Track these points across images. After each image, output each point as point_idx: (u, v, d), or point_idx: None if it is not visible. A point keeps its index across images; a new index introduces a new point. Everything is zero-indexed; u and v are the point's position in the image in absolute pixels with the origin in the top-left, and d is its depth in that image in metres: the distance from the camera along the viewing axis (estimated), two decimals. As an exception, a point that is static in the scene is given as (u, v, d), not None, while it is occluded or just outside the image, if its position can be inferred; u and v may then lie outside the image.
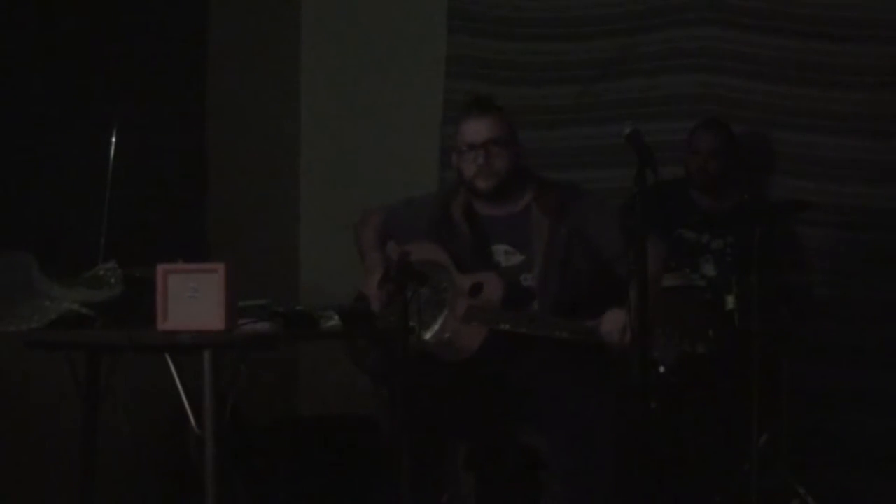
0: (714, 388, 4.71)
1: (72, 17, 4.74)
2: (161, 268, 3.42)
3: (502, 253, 4.00)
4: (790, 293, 4.84)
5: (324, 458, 4.91)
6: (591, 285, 3.94)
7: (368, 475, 4.85)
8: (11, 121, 4.53)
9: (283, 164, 5.95)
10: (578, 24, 5.66)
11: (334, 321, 3.73)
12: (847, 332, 5.19)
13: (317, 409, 5.58)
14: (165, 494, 4.83)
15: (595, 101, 5.60)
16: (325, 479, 4.87)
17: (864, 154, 5.25)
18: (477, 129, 3.97)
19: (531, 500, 3.96)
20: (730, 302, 4.68)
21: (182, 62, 5.26)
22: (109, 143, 4.09)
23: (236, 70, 5.58)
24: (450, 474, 4.02)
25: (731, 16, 5.41)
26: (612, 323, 3.73)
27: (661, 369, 3.76)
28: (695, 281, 4.80)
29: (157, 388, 3.58)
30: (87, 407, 3.80)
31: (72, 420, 3.84)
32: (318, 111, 5.98)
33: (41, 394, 4.31)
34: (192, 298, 3.39)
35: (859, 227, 5.25)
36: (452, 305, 3.92)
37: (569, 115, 5.64)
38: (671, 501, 4.49)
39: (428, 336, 3.92)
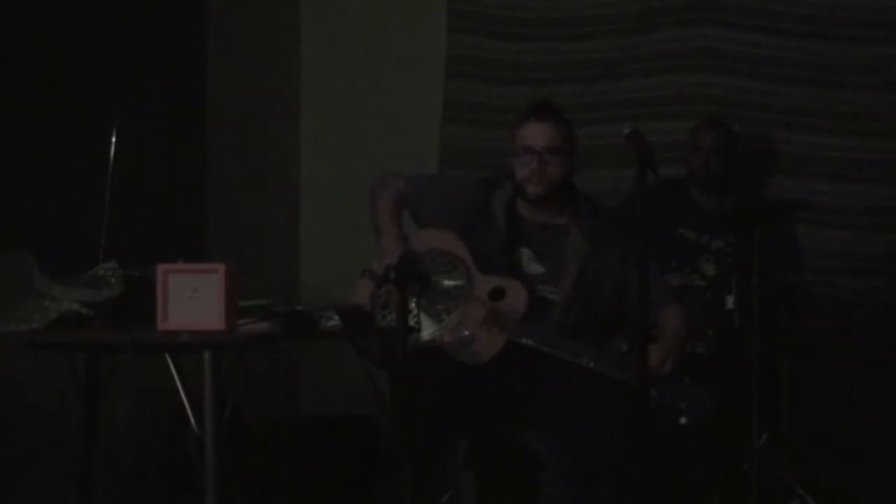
0: (714, 387, 4.71)
1: (72, 16, 4.74)
2: (161, 268, 3.42)
3: (526, 257, 3.99)
4: (790, 293, 4.84)
5: (324, 458, 4.91)
6: (610, 320, 3.95)
7: (368, 475, 4.85)
8: (12, 121, 4.53)
9: (284, 165, 5.95)
10: (578, 24, 5.66)
11: (334, 321, 3.73)
12: (847, 332, 5.19)
13: (317, 409, 5.58)
14: (165, 494, 4.83)
15: (595, 101, 5.59)
16: (325, 479, 4.86)
17: (864, 154, 5.25)
18: (535, 134, 3.95)
19: (531, 500, 3.96)
20: (730, 302, 4.68)
21: (182, 62, 5.26)
22: (109, 143, 4.09)
23: (236, 70, 5.58)
24: (450, 474, 4.02)
25: (730, 16, 5.41)
26: (653, 360, 3.68)
27: (683, 420, 3.75)
28: (694, 281, 4.81)
29: (157, 388, 3.58)
30: (87, 407, 3.80)
31: (72, 420, 3.83)
32: (317, 111, 5.98)
33: (41, 394, 4.31)
34: (192, 298, 3.39)
35: (859, 227, 5.25)
36: (470, 305, 3.89)
37: (569, 115, 5.63)
38: (671, 501, 4.50)
39: (438, 329, 3.89)
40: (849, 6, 5.27)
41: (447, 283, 3.90)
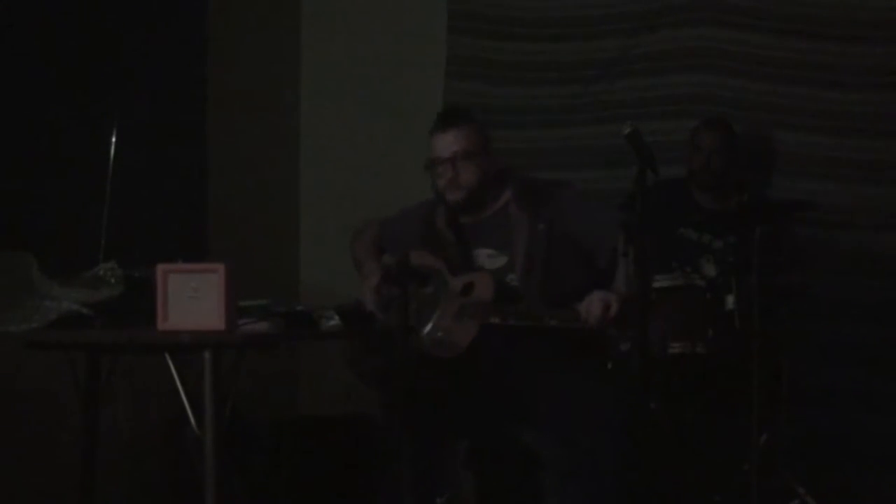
0: (714, 387, 4.71)
1: (72, 16, 4.74)
2: (161, 268, 3.43)
3: (485, 257, 4.03)
4: (790, 293, 4.84)
5: (324, 458, 4.91)
6: (576, 279, 3.95)
7: (368, 475, 4.85)
8: (12, 121, 4.53)
9: (283, 165, 5.94)
10: (578, 24, 5.65)
11: (334, 321, 3.73)
12: (847, 332, 5.19)
13: (317, 409, 5.58)
14: (165, 494, 4.83)
15: (595, 101, 5.59)
16: (325, 479, 4.86)
17: (864, 154, 5.26)
18: (443, 145, 4.03)
19: (531, 500, 3.96)
20: (730, 302, 4.68)
21: (182, 62, 5.26)
22: (109, 143, 4.09)
23: (236, 69, 5.58)
24: (450, 474, 4.02)
25: (730, 16, 5.41)
26: (590, 301, 3.73)
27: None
28: (694, 281, 4.80)
29: (157, 388, 3.58)
30: (87, 407, 3.80)
31: (72, 420, 3.83)
32: (318, 111, 5.98)
33: (41, 394, 4.31)
34: (192, 298, 3.39)
35: (859, 228, 5.25)
36: (445, 306, 3.93)
37: (569, 115, 5.64)
38: (671, 501, 4.50)
39: (423, 334, 3.93)
40: (849, 6, 5.27)
41: (425, 291, 3.94)
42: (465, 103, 5.73)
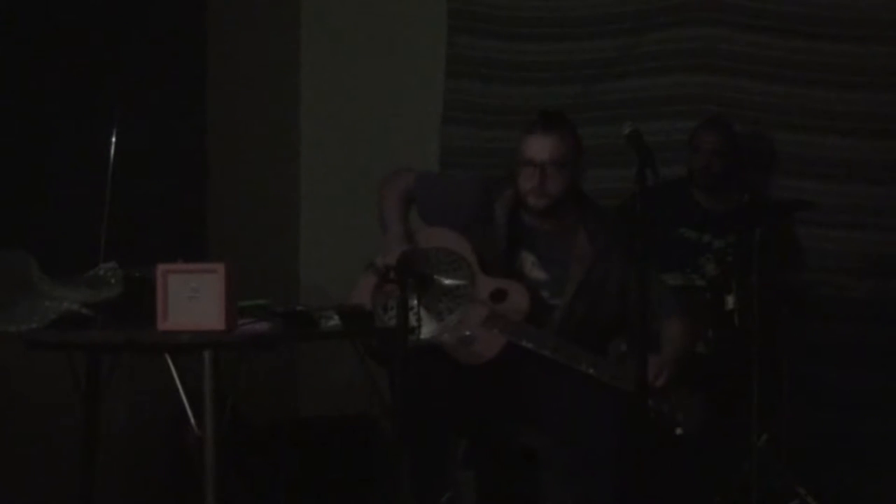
0: (714, 388, 4.71)
1: (72, 16, 4.74)
2: (161, 268, 3.42)
3: (529, 263, 3.99)
4: (790, 293, 4.84)
5: (324, 458, 4.91)
6: (610, 324, 3.96)
7: (368, 475, 4.85)
8: (11, 121, 4.53)
9: (284, 165, 5.94)
10: (578, 24, 5.66)
11: (334, 321, 3.73)
12: (847, 332, 5.19)
13: (317, 409, 5.58)
14: (165, 494, 4.83)
15: (595, 101, 5.59)
16: (325, 479, 4.87)
17: (864, 154, 5.26)
18: (539, 148, 3.93)
19: (531, 500, 3.96)
20: (730, 302, 4.68)
21: (182, 62, 5.26)
22: (109, 143, 4.09)
23: (236, 70, 5.58)
24: (450, 474, 4.02)
25: (731, 16, 5.41)
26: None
27: (679, 431, 3.77)
28: (694, 281, 4.81)
29: (157, 388, 3.58)
30: (87, 407, 3.80)
31: (72, 420, 3.83)
32: (318, 111, 5.98)
33: (41, 394, 4.31)
34: (192, 298, 3.39)
35: (859, 227, 5.25)
36: (471, 306, 3.89)
37: (569, 115, 5.62)
38: (671, 502, 4.50)
39: (437, 327, 3.89)
40: (848, 6, 5.27)
41: (450, 281, 3.90)
42: (466, 103, 5.77)
